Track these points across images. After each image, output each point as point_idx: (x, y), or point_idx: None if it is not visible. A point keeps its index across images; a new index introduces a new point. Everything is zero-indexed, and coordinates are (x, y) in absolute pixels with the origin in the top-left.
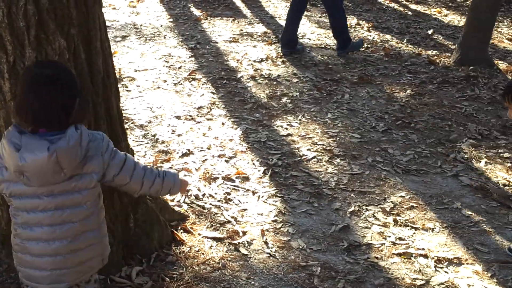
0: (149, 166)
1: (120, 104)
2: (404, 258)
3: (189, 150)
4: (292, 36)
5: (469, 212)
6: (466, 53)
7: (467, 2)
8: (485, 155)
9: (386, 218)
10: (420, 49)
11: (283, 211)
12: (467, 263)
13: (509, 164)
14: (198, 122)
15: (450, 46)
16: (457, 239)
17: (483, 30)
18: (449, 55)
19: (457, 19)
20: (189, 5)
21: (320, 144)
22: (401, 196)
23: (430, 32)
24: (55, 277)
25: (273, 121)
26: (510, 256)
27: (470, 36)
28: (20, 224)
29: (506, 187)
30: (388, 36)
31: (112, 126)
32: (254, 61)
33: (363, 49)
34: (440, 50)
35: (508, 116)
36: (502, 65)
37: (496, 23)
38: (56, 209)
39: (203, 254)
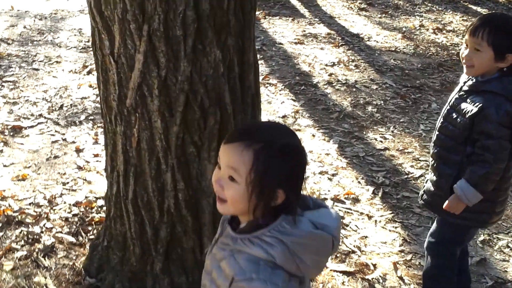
0: None
1: None
2: None
3: None
4: None
5: None
6: None
7: None
8: None
9: None
10: None
11: (408, 240)
12: None
13: None
14: None
15: None
16: None
17: None
18: None
19: None
20: None
21: (423, 160)
22: None
23: None
24: None
25: (364, 132)
26: None
27: None
28: None
29: None
30: (456, 39)
31: None
32: (326, 65)
33: (436, 54)
34: None
35: (461, 56)
36: None
37: None
38: None
39: None
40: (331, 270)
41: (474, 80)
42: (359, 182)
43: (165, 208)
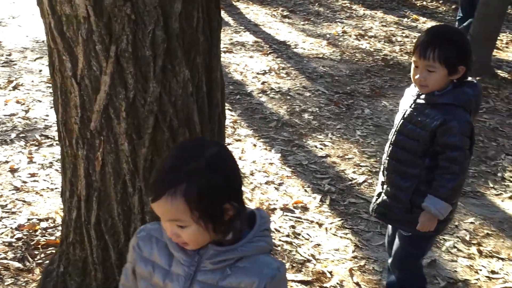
0: None
1: None
2: None
3: None
4: None
5: None
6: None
7: (439, 9)
8: None
9: (469, 249)
10: None
11: (359, 245)
12: None
13: None
14: (228, 144)
15: None
16: None
17: (489, 39)
18: None
19: None
20: None
21: (364, 166)
22: (471, 223)
23: None
24: None
25: (304, 140)
26: None
27: (474, 46)
28: None
29: None
30: (379, 45)
31: None
32: (258, 73)
33: (362, 60)
34: None
35: (413, 78)
36: (502, 74)
37: None
38: None
39: None
40: (289, 280)
41: (429, 94)
42: (305, 191)
43: (131, 231)
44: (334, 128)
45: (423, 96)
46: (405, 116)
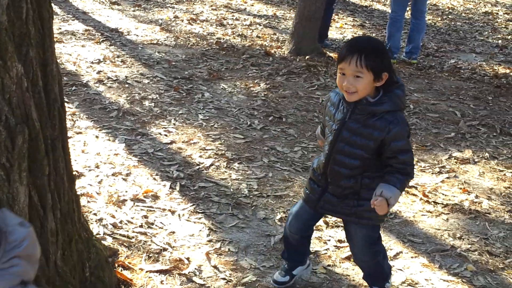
0: None
1: None
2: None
3: (77, 171)
4: (323, 30)
5: None
6: (299, 43)
7: None
8: None
9: None
10: (248, 40)
11: (213, 228)
12: (411, 257)
13: None
14: (69, 138)
15: (273, 35)
16: (388, 233)
17: (313, 19)
18: (281, 45)
19: (264, 8)
20: None
21: (209, 149)
22: None
23: (248, 22)
24: None
25: (147, 128)
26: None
27: (302, 26)
28: None
29: None
30: (211, 28)
31: (67, 165)
32: (92, 62)
33: (197, 44)
34: (266, 40)
35: (340, 84)
36: (329, 52)
37: None
38: None
39: None
40: (147, 271)
41: (364, 103)
42: (154, 179)
43: None
44: (177, 113)
45: (360, 107)
46: (345, 126)
